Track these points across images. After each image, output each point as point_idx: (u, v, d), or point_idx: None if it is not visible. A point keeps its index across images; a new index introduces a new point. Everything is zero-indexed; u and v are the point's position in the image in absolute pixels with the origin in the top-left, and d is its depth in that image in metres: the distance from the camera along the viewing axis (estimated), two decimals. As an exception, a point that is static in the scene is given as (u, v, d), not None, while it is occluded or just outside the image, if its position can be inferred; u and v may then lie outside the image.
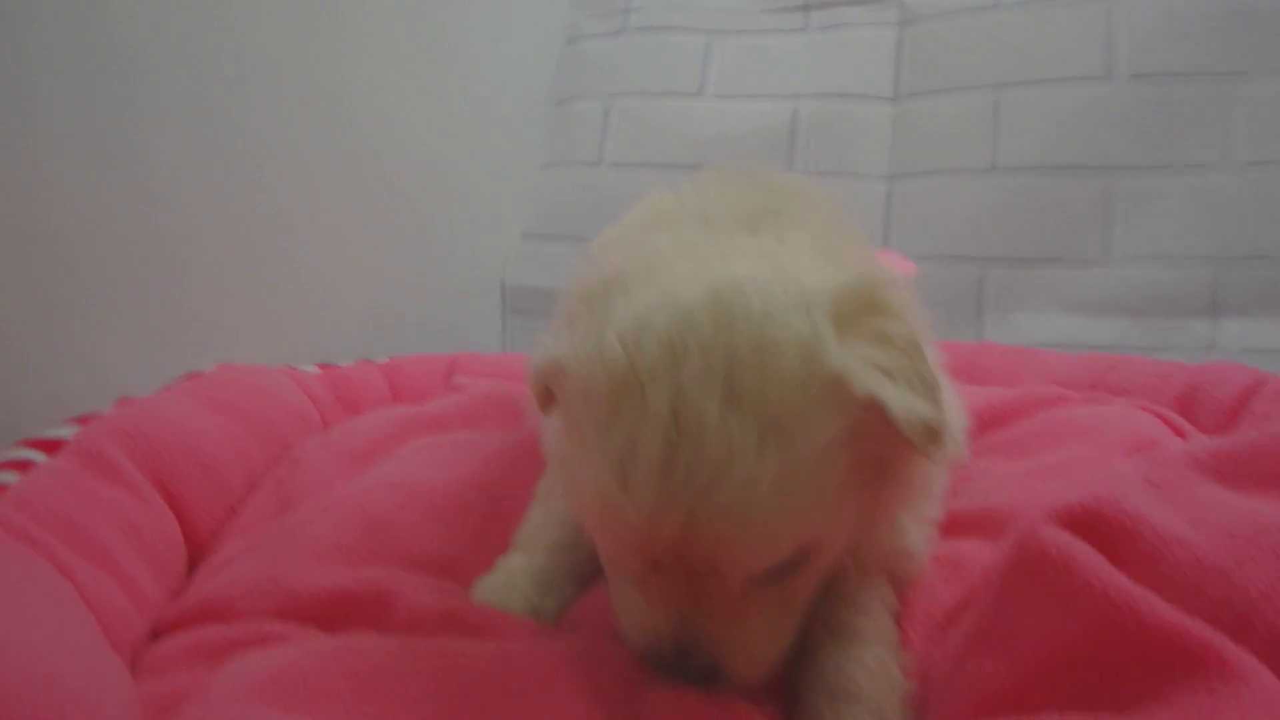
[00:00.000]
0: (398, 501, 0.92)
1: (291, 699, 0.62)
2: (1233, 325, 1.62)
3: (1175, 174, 1.66)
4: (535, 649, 0.70)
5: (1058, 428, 1.06)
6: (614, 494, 0.60)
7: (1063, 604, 0.59)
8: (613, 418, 0.60)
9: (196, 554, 0.94)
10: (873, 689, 0.69)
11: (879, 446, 0.64)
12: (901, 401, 0.61)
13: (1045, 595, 0.61)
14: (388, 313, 1.74)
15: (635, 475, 0.59)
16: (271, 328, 1.47)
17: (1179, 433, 1.04)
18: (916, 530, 0.81)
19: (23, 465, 0.85)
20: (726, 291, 0.62)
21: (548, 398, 0.69)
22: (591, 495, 0.62)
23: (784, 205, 0.82)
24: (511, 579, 0.83)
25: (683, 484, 0.58)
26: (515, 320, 2.05)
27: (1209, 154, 1.64)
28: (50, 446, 0.89)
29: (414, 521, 0.90)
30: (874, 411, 0.60)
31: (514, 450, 1.04)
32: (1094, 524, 0.63)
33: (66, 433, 0.91)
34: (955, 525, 0.88)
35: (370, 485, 0.95)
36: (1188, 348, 1.61)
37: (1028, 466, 0.98)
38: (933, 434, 0.61)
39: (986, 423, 1.10)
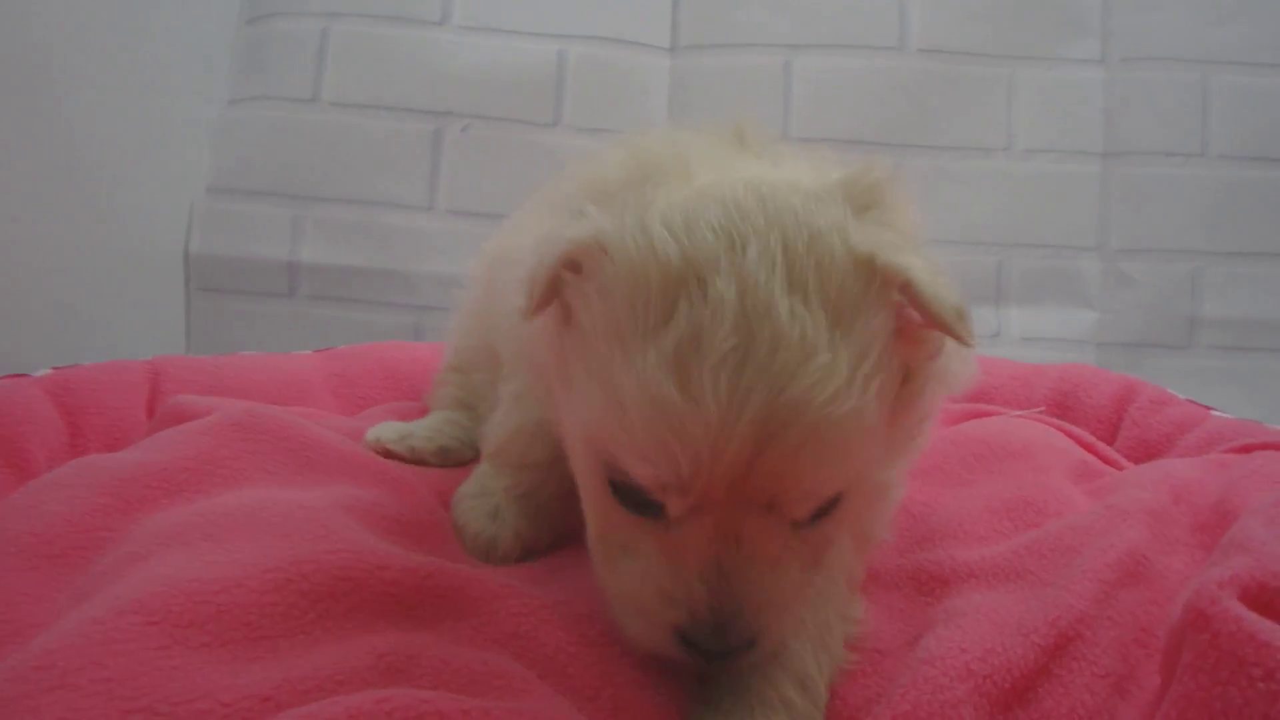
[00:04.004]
0: (169, 644, 0.55)
1: None
2: (1014, 313, 1.63)
3: (963, 155, 1.62)
4: None
5: (974, 447, 0.94)
6: (672, 399, 0.53)
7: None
8: (669, 311, 0.55)
9: None
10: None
11: (907, 348, 0.60)
12: (929, 277, 0.57)
13: (1275, 707, 0.47)
14: (30, 298, 1.22)
15: (702, 371, 0.53)
16: None
17: (1089, 448, 0.96)
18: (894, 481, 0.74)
19: None
20: (764, 187, 0.60)
21: (548, 295, 0.60)
22: (640, 409, 0.54)
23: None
24: (490, 501, 0.79)
25: (758, 377, 0.53)
26: (203, 301, 1.59)
27: (994, 137, 1.62)
28: None
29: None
30: (906, 293, 0.58)
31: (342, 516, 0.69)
32: (1274, 606, 0.52)
33: None
34: (962, 575, 0.74)
35: (104, 613, 0.57)
36: (976, 335, 1.59)
37: (977, 495, 0.84)
38: (962, 314, 0.58)
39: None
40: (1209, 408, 1.05)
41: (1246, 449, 0.89)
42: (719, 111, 1.61)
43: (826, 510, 0.59)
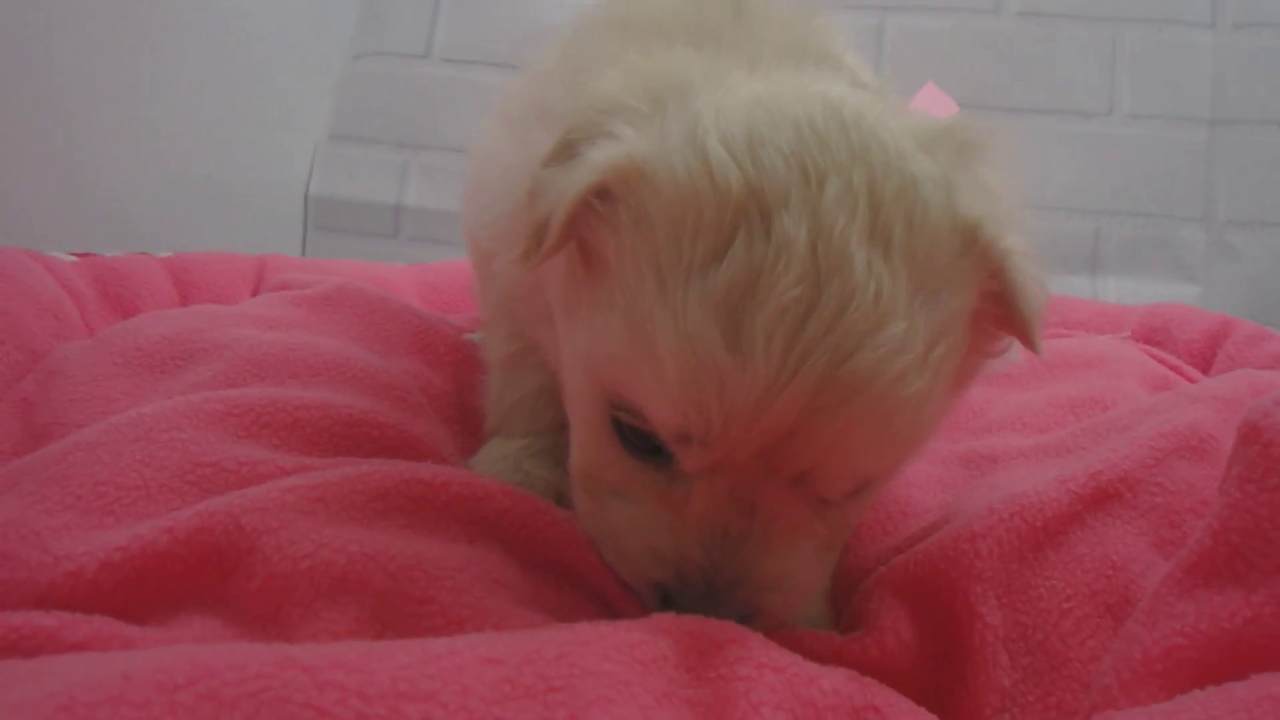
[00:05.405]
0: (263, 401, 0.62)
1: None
2: (1111, 282, 1.59)
3: (1063, 119, 1.60)
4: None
5: (1047, 357, 0.91)
6: (715, 347, 0.45)
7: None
8: (722, 246, 0.45)
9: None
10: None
11: (973, 338, 0.53)
12: (1027, 269, 0.50)
13: None
14: (163, 215, 1.33)
15: (755, 321, 0.44)
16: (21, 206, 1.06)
17: (1174, 370, 0.93)
18: None
19: None
20: (847, 111, 0.49)
21: (566, 236, 0.50)
22: (674, 351, 0.46)
23: (807, 36, 0.66)
24: (510, 460, 0.68)
25: (821, 338, 0.44)
26: (319, 239, 1.69)
27: (1096, 101, 1.59)
28: None
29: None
30: (996, 279, 0.50)
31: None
32: None
33: None
34: (1012, 455, 0.73)
35: (196, 399, 0.62)
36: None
37: (1043, 395, 0.83)
38: (1042, 319, 0.52)
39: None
40: (1314, 346, 1.00)
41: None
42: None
43: (855, 492, 0.52)
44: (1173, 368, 0.93)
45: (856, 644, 0.55)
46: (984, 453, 0.75)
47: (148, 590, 0.49)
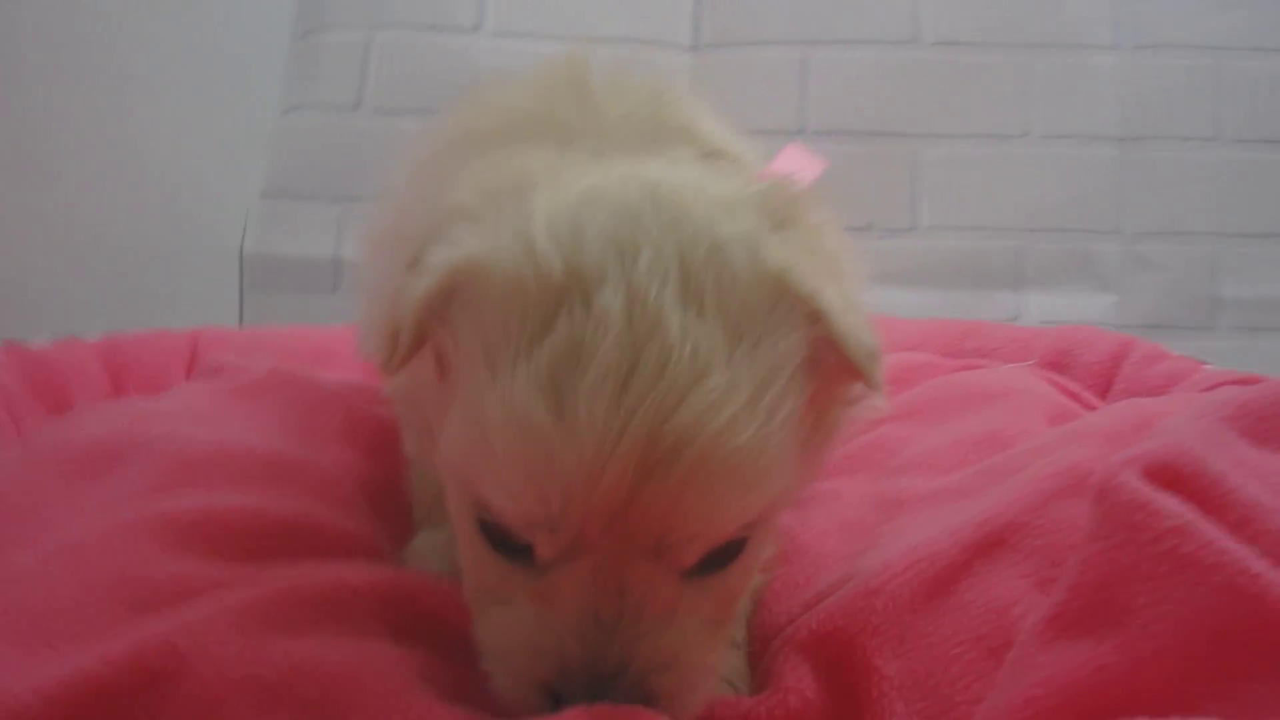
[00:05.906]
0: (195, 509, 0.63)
1: None
2: (1033, 297, 1.65)
3: (981, 143, 1.66)
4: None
5: (955, 392, 0.97)
6: (541, 422, 0.46)
7: (1186, 580, 0.49)
8: (545, 327, 0.48)
9: None
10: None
11: (822, 387, 0.55)
12: (844, 312, 0.53)
13: (1160, 568, 0.49)
14: (93, 288, 1.34)
15: (578, 391, 0.46)
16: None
17: (1074, 397, 0.98)
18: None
19: None
20: (663, 191, 0.54)
21: (418, 340, 0.53)
22: (505, 434, 0.47)
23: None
24: (438, 550, 0.68)
25: (642, 399, 0.46)
26: (256, 298, 1.69)
27: (1011, 124, 1.66)
28: None
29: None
30: (817, 325, 0.52)
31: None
32: (1176, 482, 0.53)
33: None
34: (916, 500, 0.76)
35: (129, 516, 0.64)
36: (996, 321, 1.62)
37: (949, 432, 0.87)
38: (874, 356, 0.54)
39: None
40: (1201, 362, 1.06)
41: (1212, 386, 0.91)
42: (737, 106, 1.68)
43: (727, 557, 0.52)
44: (1073, 395, 0.98)
45: (763, 705, 0.58)
46: (892, 496, 0.78)
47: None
